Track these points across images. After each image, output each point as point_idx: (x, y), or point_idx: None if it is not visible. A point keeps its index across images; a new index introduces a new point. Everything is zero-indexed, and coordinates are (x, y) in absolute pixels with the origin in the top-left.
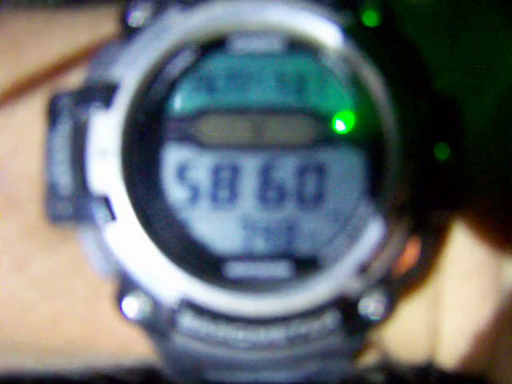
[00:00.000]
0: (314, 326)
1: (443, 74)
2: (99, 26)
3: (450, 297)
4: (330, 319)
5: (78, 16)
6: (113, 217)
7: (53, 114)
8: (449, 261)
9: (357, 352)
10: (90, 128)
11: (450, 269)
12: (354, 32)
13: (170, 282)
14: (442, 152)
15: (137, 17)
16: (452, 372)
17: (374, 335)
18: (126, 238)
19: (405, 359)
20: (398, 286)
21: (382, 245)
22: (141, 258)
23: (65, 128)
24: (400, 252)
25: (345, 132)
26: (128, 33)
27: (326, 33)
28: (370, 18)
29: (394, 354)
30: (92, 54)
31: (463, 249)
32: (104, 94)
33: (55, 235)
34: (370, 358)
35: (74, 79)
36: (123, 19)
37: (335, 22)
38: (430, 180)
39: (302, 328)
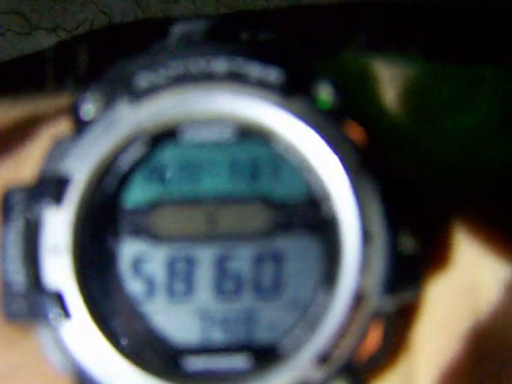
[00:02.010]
0: None
1: (402, 153)
2: (56, 120)
3: (423, 376)
4: None
5: (35, 110)
6: (66, 314)
7: (6, 211)
8: (420, 338)
9: None
10: (42, 224)
11: (422, 346)
12: (305, 117)
13: (126, 378)
14: (403, 235)
15: (87, 110)
16: None
17: None
18: (81, 335)
19: None
20: (362, 372)
21: (343, 332)
22: (96, 356)
23: (18, 225)
24: (362, 338)
25: (300, 218)
26: (79, 126)
27: (277, 119)
28: (323, 102)
29: None
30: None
31: (434, 324)
32: (54, 189)
33: (14, 332)
34: None
35: (28, 175)
36: (74, 113)
37: (286, 108)
38: (391, 263)
39: None
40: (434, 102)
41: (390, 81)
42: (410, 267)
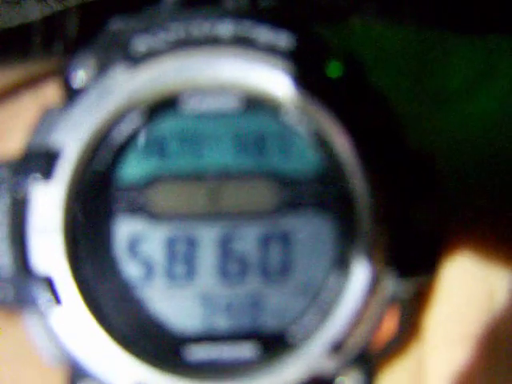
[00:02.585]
0: None
1: (416, 128)
2: (43, 89)
3: (433, 365)
4: None
5: (20, 78)
6: (57, 300)
7: None
8: (432, 326)
9: None
10: (30, 202)
11: (434, 335)
12: (316, 86)
13: (123, 369)
14: (418, 212)
15: (79, 77)
16: None
17: None
18: (73, 323)
19: None
20: (376, 361)
21: (357, 319)
22: (90, 345)
23: (3, 203)
24: (377, 325)
25: (310, 196)
26: (70, 95)
27: (286, 88)
28: (335, 70)
29: None
30: (33, 121)
31: (447, 313)
32: (43, 163)
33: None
34: None
35: (14, 149)
36: (64, 80)
37: (295, 77)
38: (407, 243)
39: None
40: (450, 77)
41: (401, 50)
42: (425, 248)
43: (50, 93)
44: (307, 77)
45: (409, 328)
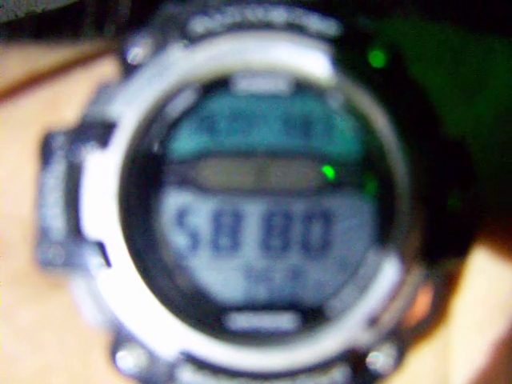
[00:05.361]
0: (321, 381)
1: (451, 117)
2: (96, 65)
3: (459, 347)
4: (338, 374)
5: (74, 55)
6: (107, 264)
7: (45, 154)
8: (460, 309)
9: None
10: (85, 168)
11: (461, 318)
12: (360, 73)
13: (168, 334)
14: (453, 198)
15: (136, 54)
16: None
17: None
18: (122, 286)
19: None
20: (409, 337)
21: (393, 295)
22: (137, 309)
23: (58, 168)
24: (411, 302)
25: (352, 177)
26: (127, 70)
27: (332, 74)
28: (378, 59)
29: None
30: (88, 93)
31: (475, 299)
32: (101, 132)
33: (45, 282)
34: None
35: (69, 117)
36: (122, 56)
37: (341, 63)
38: (441, 226)
39: None
40: (488, 74)
41: (439, 45)
42: (458, 233)
43: (102, 70)
44: (352, 64)
45: (439, 310)
